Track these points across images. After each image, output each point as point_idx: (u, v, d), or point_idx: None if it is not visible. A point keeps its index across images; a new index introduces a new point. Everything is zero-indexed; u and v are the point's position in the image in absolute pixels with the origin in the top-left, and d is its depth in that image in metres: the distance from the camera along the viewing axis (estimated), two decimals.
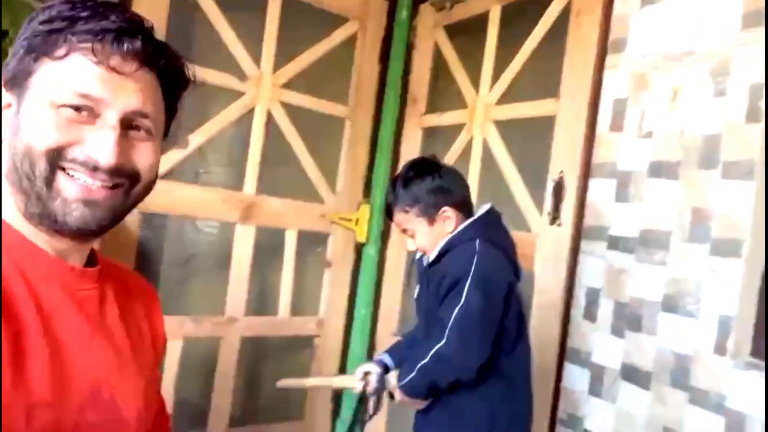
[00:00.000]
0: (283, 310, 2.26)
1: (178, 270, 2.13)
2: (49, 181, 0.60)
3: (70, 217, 0.62)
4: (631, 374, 1.41)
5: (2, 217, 0.63)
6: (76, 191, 0.61)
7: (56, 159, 0.60)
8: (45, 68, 0.61)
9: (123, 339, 0.72)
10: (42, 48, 0.61)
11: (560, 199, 1.66)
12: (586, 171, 1.60)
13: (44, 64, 0.61)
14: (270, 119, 2.17)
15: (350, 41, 2.35)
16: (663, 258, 1.37)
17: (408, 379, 1.25)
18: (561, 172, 1.66)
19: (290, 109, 2.21)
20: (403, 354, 1.42)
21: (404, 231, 1.36)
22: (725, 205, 1.25)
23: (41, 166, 0.59)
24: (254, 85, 2.12)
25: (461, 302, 1.20)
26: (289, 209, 2.25)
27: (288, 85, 2.20)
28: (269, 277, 2.28)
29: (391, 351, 1.49)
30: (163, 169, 1.92)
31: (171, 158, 1.98)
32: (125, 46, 0.61)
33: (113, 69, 0.61)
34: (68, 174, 0.61)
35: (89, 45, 0.60)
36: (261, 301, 2.28)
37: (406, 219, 1.34)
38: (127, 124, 0.63)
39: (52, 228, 0.63)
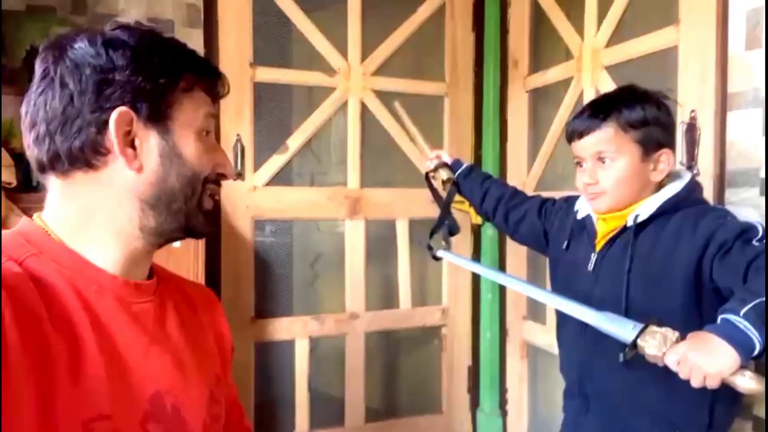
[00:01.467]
0: (404, 301, 2.21)
1: (297, 272, 2.17)
2: (199, 201, 0.70)
3: (206, 226, 0.72)
4: None
5: (61, 238, 0.65)
6: (211, 204, 0.72)
7: (205, 184, 0.70)
8: (182, 100, 0.67)
9: (184, 349, 0.72)
10: (170, 81, 0.66)
11: (695, 142, 1.38)
12: (723, 104, 1.31)
13: (177, 96, 0.67)
14: (365, 110, 2.12)
15: (439, 13, 2.22)
16: None
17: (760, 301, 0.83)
18: (692, 111, 1.39)
19: (384, 96, 2.14)
20: (478, 182, 1.46)
21: (597, 154, 1.06)
22: None
23: (198, 190, 0.69)
24: (344, 78, 2.08)
25: None
26: (397, 199, 2.18)
27: (379, 72, 2.13)
28: (387, 269, 2.24)
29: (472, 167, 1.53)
30: (267, 175, 1.99)
31: (274, 164, 2.02)
32: (221, 87, 0.73)
33: (213, 101, 0.73)
34: (206, 193, 0.71)
35: (206, 84, 0.70)
36: (382, 295, 2.25)
37: (617, 141, 1.04)
38: None
39: (175, 238, 0.71)
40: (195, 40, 1.86)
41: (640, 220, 1.05)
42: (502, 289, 2.24)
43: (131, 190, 0.66)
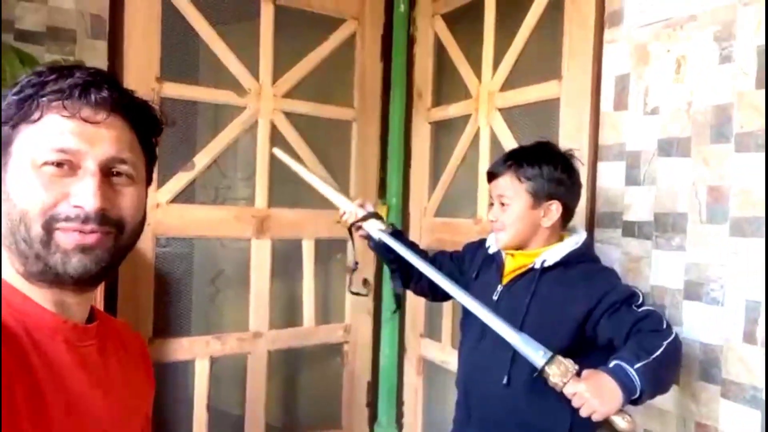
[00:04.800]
0: (308, 319, 2.25)
1: (199, 290, 2.14)
2: (46, 242, 0.62)
3: (70, 266, 0.63)
4: None
5: (3, 278, 0.64)
6: (73, 241, 0.63)
7: (50, 223, 0.62)
8: (23, 133, 0.63)
9: (122, 390, 0.73)
10: (17, 116, 0.63)
11: None
12: (595, 154, 1.50)
13: (22, 130, 0.63)
14: (274, 131, 2.15)
15: (349, 42, 2.31)
16: (681, 242, 1.27)
17: (652, 359, 1.02)
18: None
19: (294, 118, 2.19)
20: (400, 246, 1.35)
21: (499, 197, 1.25)
22: (742, 180, 1.15)
23: (36, 230, 0.61)
24: (254, 99, 2.10)
25: (654, 312, 1.12)
26: (304, 219, 2.23)
27: (290, 95, 2.18)
28: (292, 288, 2.28)
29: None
30: (171, 193, 1.96)
31: (179, 181, 1.99)
32: (93, 97, 0.63)
33: (85, 120, 0.63)
34: (62, 231, 0.63)
35: (59, 102, 0.62)
36: (286, 314, 2.28)
37: (513, 188, 1.22)
38: (108, 172, 0.65)
39: (55, 281, 0.64)
40: (99, 52, 1.80)
41: (546, 265, 1.21)
42: (401, 308, 2.36)
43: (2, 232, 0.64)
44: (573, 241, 1.22)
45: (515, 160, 1.23)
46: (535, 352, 1.05)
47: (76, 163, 0.62)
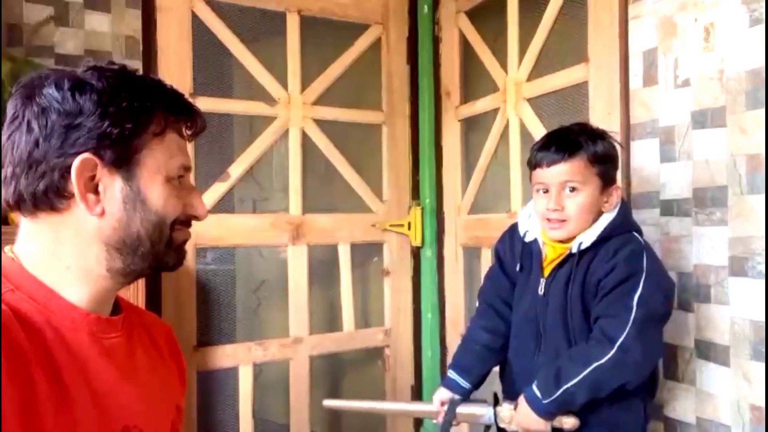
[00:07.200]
0: (348, 324, 2.26)
1: (240, 298, 2.18)
2: (168, 242, 0.71)
3: (177, 261, 0.74)
4: (707, 351, 1.25)
5: (31, 273, 0.66)
6: (183, 238, 0.74)
7: (172, 225, 0.72)
8: (150, 145, 0.68)
9: (150, 382, 0.74)
10: (136, 125, 0.67)
11: None
12: (627, 133, 1.46)
13: (146, 140, 0.68)
14: (305, 138, 2.19)
15: (375, 47, 2.33)
16: (722, 216, 1.21)
17: (561, 392, 1.07)
18: None
19: (324, 125, 2.22)
20: (478, 368, 1.30)
21: (564, 183, 1.13)
22: None
23: (166, 232, 0.71)
24: (284, 108, 2.14)
25: (637, 301, 1.05)
26: (339, 224, 2.25)
27: (319, 102, 2.21)
28: (330, 293, 2.29)
29: (460, 366, 1.32)
30: (209, 203, 2.01)
31: (216, 192, 2.04)
32: (199, 123, 0.75)
33: (187, 139, 0.75)
34: (176, 230, 0.73)
35: (180, 124, 0.72)
36: (326, 319, 2.29)
37: (582, 172, 1.12)
38: None
39: (143, 274, 0.72)
40: None
41: (583, 247, 1.13)
42: (441, 309, 2.33)
43: (95, 234, 0.66)
44: (609, 216, 1.15)
45: (584, 141, 1.13)
46: (480, 409, 1.23)
47: (185, 177, 0.74)
